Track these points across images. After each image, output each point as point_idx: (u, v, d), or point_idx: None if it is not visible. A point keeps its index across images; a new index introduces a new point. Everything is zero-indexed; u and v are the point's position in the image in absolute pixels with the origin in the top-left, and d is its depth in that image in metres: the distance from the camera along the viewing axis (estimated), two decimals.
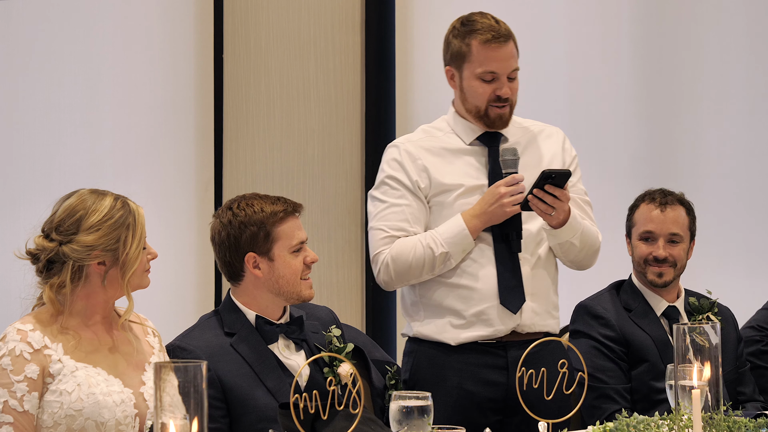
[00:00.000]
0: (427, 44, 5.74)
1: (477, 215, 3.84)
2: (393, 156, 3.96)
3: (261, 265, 3.52)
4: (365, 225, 5.74)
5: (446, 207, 3.90)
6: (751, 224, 5.50)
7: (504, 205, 3.81)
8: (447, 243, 3.84)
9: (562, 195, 3.78)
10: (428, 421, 2.87)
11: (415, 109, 5.75)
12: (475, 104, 3.91)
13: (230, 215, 3.54)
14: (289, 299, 3.56)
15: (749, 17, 5.55)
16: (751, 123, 5.53)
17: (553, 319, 3.96)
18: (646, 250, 4.24)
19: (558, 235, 3.86)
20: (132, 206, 3.17)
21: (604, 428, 3.02)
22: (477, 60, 3.88)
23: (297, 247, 3.54)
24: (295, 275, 3.54)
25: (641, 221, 4.27)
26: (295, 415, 2.76)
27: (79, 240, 3.09)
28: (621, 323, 4.22)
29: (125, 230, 3.13)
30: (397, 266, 3.86)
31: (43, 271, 3.12)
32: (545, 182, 3.76)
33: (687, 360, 3.00)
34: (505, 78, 3.88)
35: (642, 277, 4.27)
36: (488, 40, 3.86)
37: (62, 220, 3.11)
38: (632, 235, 4.30)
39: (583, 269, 4.07)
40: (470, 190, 3.89)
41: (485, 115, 3.91)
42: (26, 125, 5.01)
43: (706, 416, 2.98)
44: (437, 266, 3.85)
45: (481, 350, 3.88)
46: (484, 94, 3.89)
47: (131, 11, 5.26)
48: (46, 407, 3.04)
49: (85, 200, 3.13)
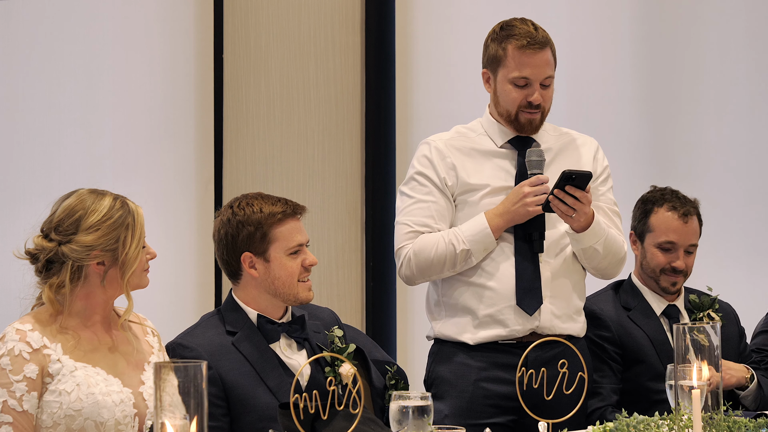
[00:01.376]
0: (427, 44, 5.74)
1: (500, 214, 3.85)
2: (423, 153, 3.98)
3: (257, 266, 3.52)
4: (365, 225, 5.75)
5: (471, 205, 3.91)
6: (752, 224, 5.50)
7: (527, 205, 3.81)
8: (469, 240, 3.85)
9: (583, 197, 3.78)
10: (428, 421, 2.87)
11: (415, 109, 5.75)
12: (507, 108, 3.92)
13: (230, 213, 3.54)
14: (287, 301, 3.55)
15: (749, 17, 5.55)
16: (752, 123, 5.53)
17: (576, 323, 3.95)
18: (664, 260, 4.23)
19: (581, 239, 3.86)
20: (131, 206, 3.17)
21: (604, 428, 3.02)
22: (511, 65, 3.88)
23: (294, 249, 3.53)
24: (291, 277, 3.52)
25: (662, 230, 4.24)
26: (295, 415, 2.76)
27: (79, 240, 3.09)
28: (618, 323, 4.21)
29: (124, 230, 3.13)
30: (419, 261, 3.88)
31: (42, 271, 3.12)
32: (566, 183, 3.76)
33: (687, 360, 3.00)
34: (537, 84, 3.88)
35: (651, 282, 4.26)
36: (523, 46, 3.87)
37: (61, 220, 3.11)
38: (646, 239, 4.26)
39: (608, 278, 4.08)
40: (496, 191, 3.90)
41: (515, 119, 3.92)
42: (26, 125, 5.01)
43: (706, 416, 2.98)
44: (458, 263, 3.86)
45: (500, 350, 3.88)
46: (516, 99, 3.89)
47: (131, 11, 5.26)
48: (46, 407, 3.04)
49: (84, 200, 3.13)
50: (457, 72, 5.69)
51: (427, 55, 5.74)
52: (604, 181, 4.01)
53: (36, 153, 5.01)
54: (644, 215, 4.28)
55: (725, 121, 5.54)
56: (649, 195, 4.32)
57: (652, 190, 4.35)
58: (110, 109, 5.19)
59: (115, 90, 5.21)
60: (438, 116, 5.68)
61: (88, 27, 5.15)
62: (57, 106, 5.07)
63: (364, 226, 5.72)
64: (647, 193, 4.34)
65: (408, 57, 5.75)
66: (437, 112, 5.72)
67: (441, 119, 5.56)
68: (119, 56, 5.22)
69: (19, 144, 4.99)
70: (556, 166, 3.92)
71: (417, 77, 5.75)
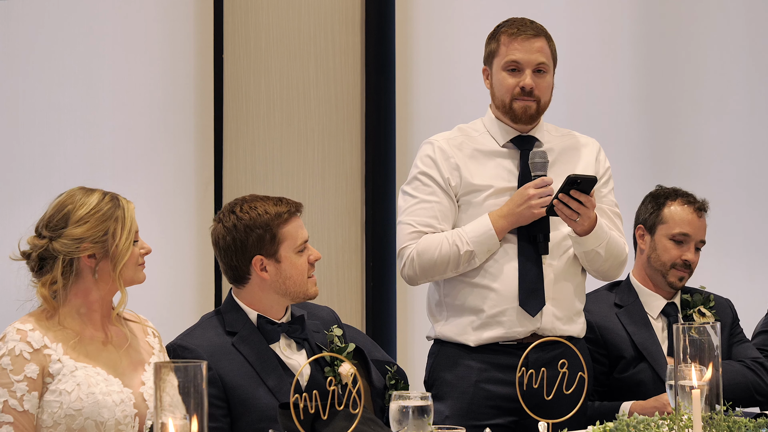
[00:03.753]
0: (427, 44, 5.74)
1: (504, 216, 3.85)
2: (427, 152, 3.97)
3: (268, 268, 3.52)
4: (365, 225, 5.75)
5: (475, 206, 3.91)
6: (752, 223, 5.50)
7: (532, 207, 3.81)
8: (473, 242, 3.84)
9: (587, 201, 3.78)
10: (428, 421, 2.87)
11: (415, 109, 5.75)
12: (501, 98, 3.92)
13: (234, 219, 3.52)
14: (296, 298, 3.56)
15: (749, 17, 5.55)
16: (752, 123, 5.53)
17: (576, 324, 3.95)
18: (676, 253, 4.23)
19: (583, 242, 3.86)
20: (122, 201, 3.19)
21: (604, 428, 3.02)
22: (503, 51, 3.91)
23: (302, 246, 3.55)
24: (302, 274, 3.54)
25: (677, 221, 4.24)
26: (295, 415, 2.76)
27: (68, 233, 3.10)
28: (603, 324, 4.22)
29: (113, 222, 3.14)
30: (423, 262, 3.87)
31: (35, 269, 3.13)
32: (571, 187, 3.76)
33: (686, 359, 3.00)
34: (529, 71, 3.89)
35: (657, 277, 4.25)
36: (514, 33, 3.90)
37: (51, 216, 3.14)
38: (657, 231, 4.26)
39: (608, 280, 4.09)
40: (500, 192, 3.90)
41: (510, 108, 3.91)
42: (26, 125, 5.01)
43: (706, 416, 2.98)
44: (461, 264, 3.86)
45: (500, 351, 3.88)
46: (510, 86, 3.90)
47: (131, 11, 5.26)
48: (46, 407, 3.04)
49: (73, 195, 3.16)
50: (458, 72, 5.69)
51: (427, 55, 5.74)
52: (605, 183, 4.00)
53: (36, 153, 5.02)
54: (657, 207, 4.28)
55: (725, 121, 5.55)
56: (660, 190, 4.33)
57: (660, 187, 4.36)
58: (110, 109, 5.19)
59: (115, 90, 5.21)
60: (438, 116, 5.68)
61: (88, 27, 5.15)
62: (57, 106, 5.07)
63: (364, 226, 5.72)
64: (657, 190, 4.34)
65: (408, 57, 5.76)
66: (437, 112, 5.72)
67: (441, 119, 5.56)
68: (119, 56, 5.22)
69: (19, 144, 4.99)
70: (558, 167, 3.92)
71: (417, 77, 5.75)
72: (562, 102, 5.52)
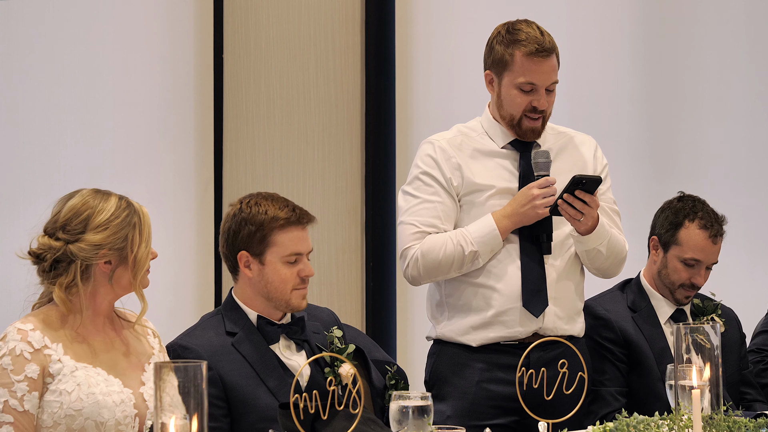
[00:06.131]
0: (427, 44, 5.74)
1: (508, 216, 3.84)
2: (427, 152, 3.95)
3: (252, 266, 3.51)
4: (365, 225, 5.75)
5: (477, 206, 3.90)
6: (752, 224, 5.50)
7: (537, 207, 3.81)
8: (477, 242, 3.84)
9: (591, 201, 3.78)
10: (428, 421, 2.87)
11: (415, 110, 5.75)
12: (510, 112, 3.90)
13: (237, 209, 3.55)
14: (278, 306, 3.53)
15: (749, 17, 5.55)
16: (752, 123, 5.53)
17: (576, 323, 3.95)
18: (686, 275, 4.20)
19: (585, 242, 3.86)
20: (135, 206, 3.19)
21: (604, 428, 3.02)
22: (519, 70, 3.86)
23: (292, 258, 3.52)
24: (283, 284, 3.51)
25: (690, 247, 4.20)
26: (295, 415, 2.76)
27: (87, 239, 3.10)
28: (622, 324, 4.20)
29: (132, 229, 3.14)
30: (427, 262, 3.86)
31: (47, 270, 3.12)
32: (575, 187, 3.75)
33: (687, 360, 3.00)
34: (543, 90, 3.88)
35: (666, 291, 4.24)
36: (532, 53, 3.85)
37: (68, 219, 3.12)
38: (671, 250, 4.22)
39: (609, 277, 4.07)
40: (501, 192, 3.89)
41: (518, 124, 3.90)
42: (26, 125, 5.01)
43: (706, 416, 2.98)
44: (465, 264, 3.85)
45: (502, 351, 3.88)
46: (521, 104, 3.88)
47: (131, 11, 5.26)
48: (46, 407, 3.04)
49: (90, 200, 3.15)
50: (457, 72, 5.69)
51: (427, 55, 5.74)
52: (604, 180, 4.00)
53: (36, 153, 5.01)
54: (674, 227, 4.22)
55: (725, 121, 5.55)
56: (681, 205, 4.25)
57: (682, 197, 4.29)
58: (110, 109, 5.19)
59: (115, 90, 5.21)
60: (438, 116, 5.68)
61: (88, 27, 5.15)
62: (57, 106, 5.07)
63: (364, 226, 5.72)
64: (678, 202, 4.27)
65: (408, 57, 5.75)
66: (437, 112, 5.72)
67: (441, 119, 5.56)
68: (119, 56, 5.22)
69: (19, 144, 4.99)
70: (556, 166, 3.92)
71: (417, 77, 5.75)
72: (562, 102, 5.50)
